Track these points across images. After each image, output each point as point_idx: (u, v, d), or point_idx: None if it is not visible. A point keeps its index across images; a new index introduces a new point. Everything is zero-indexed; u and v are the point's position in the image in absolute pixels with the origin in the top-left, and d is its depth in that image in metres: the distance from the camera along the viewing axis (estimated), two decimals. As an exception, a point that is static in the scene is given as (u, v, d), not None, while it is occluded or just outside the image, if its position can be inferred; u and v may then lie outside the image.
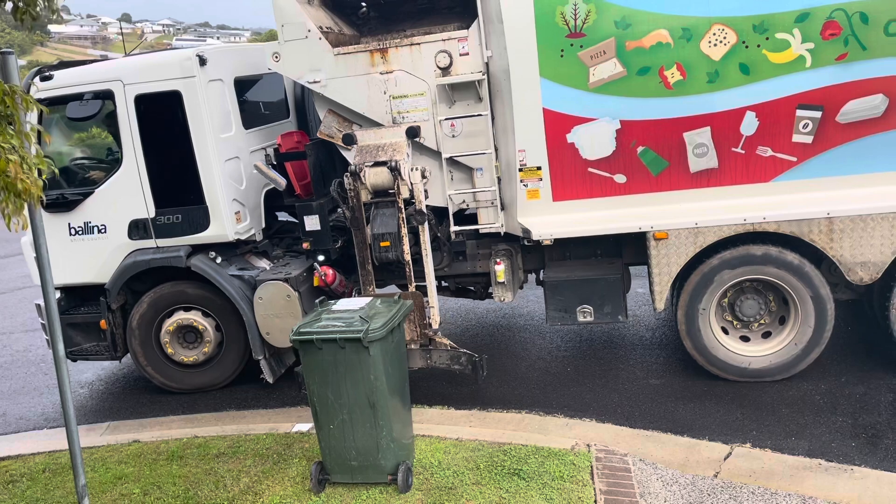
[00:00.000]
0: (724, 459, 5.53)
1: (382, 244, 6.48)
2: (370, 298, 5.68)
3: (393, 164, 6.36)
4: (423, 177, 6.68)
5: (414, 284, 6.59)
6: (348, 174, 6.52)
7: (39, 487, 5.94)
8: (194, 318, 7.47)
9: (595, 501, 4.93)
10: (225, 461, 5.96)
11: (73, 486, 5.58)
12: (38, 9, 4.41)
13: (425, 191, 6.72)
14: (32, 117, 6.90)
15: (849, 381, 6.46)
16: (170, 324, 7.48)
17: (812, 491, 5.02)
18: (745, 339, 6.70)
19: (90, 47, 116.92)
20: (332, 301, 5.73)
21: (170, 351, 7.56)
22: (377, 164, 6.45)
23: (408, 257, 6.51)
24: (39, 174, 3.98)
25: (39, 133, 4.33)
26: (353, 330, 5.05)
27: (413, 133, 6.60)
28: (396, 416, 5.31)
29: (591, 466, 5.34)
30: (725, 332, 6.69)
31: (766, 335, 6.67)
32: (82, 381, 8.41)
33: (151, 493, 5.61)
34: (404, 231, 6.46)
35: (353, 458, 5.28)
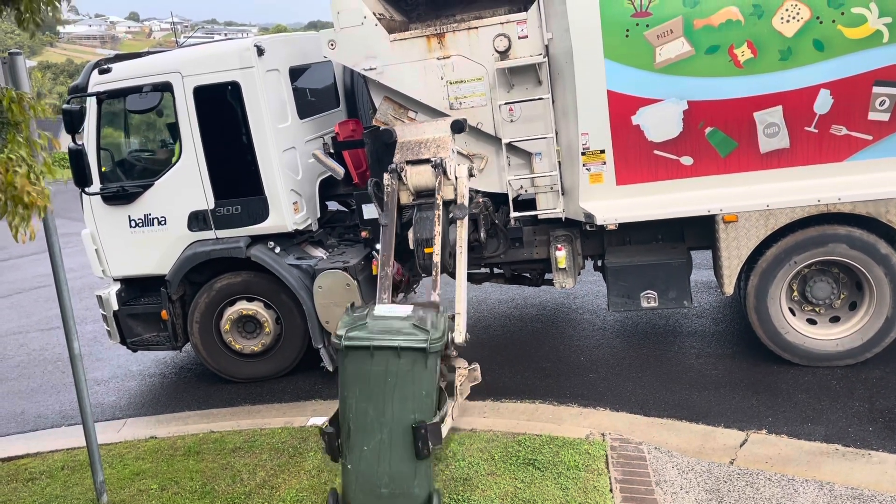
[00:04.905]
0: (740, 446, 5.51)
1: (427, 250, 5.97)
2: (411, 306, 5.13)
3: (437, 161, 5.91)
4: (471, 175, 6.18)
5: (438, 291, 5.81)
6: (388, 172, 6.08)
7: (58, 484, 6.00)
8: (256, 308, 7.49)
9: (610, 490, 4.93)
10: (241, 456, 5.99)
11: (91, 482, 5.64)
12: (41, 15, 4.41)
13: (476, 190, 6.36)
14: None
15: (865, 366, 6.40)
16: (231, 313, 7.51)
17: (829, 476, 4.99)
18: (811, 321, 6.57)
19: (99, 46, 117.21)
20: (368, 305, 5.30)
21: (229, 340, 7.59)
22: (419, 161, 6.03)
23: (437, 258, 5.89)
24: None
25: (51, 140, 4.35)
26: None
27: (458, 127, 6.25)
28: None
29: (606, 455, 5.34)
30: (792, 313, 6.55)
31: (835, 320, 6.52)
32: (98, 378, 8.47)
33: (169, 488, 5.65)
34: (438, 235, 5.92)
35: (385, 484, 4.66)
